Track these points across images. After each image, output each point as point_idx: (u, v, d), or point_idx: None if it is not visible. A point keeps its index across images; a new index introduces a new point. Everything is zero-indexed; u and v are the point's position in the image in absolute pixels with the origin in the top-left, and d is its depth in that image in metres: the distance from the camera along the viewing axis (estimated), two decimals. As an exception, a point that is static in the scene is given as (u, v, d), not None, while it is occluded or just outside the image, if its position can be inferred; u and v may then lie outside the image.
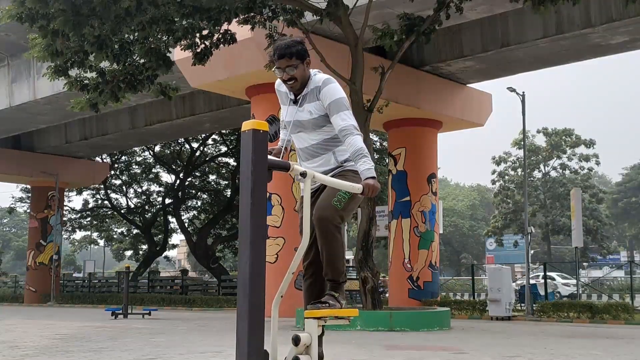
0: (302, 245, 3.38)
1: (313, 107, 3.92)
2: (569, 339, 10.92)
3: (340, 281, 3.85)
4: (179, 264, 74.49)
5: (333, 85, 3.90)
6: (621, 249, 64.57)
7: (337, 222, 3.79)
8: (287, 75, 3.88)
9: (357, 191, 3.57)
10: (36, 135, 29.61)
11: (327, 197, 3.81)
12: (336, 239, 3.79)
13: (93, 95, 14.51)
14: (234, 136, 31.44)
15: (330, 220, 3.75)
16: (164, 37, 13.84)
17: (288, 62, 3.85)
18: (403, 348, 8.65)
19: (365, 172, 3.69)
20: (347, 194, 3.78)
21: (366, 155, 3.74)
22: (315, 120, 3.93)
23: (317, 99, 3.90)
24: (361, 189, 3.57)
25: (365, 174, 3.69)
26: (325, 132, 3.95)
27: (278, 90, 4.17)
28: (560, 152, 44.18)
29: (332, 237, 3.78)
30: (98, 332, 11.57)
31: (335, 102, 3.85)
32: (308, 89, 3.94)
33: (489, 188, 54.26)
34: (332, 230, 3.76)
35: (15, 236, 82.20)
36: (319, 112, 3.91)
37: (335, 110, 3.84)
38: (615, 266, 39.26)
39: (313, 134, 3.97)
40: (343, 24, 13.65)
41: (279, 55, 3.86)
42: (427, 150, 20.92)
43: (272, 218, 17.00)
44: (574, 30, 16.60)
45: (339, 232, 3.83)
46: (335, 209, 3.77)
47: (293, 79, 3.89)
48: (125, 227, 41.20)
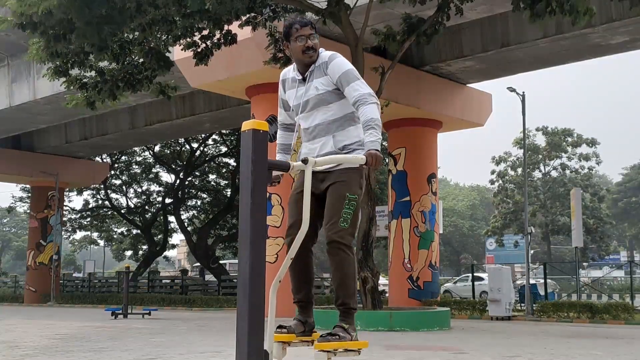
0: (301, 231, 3.37)
1: (319, 83, 3.91)
2: (569, 339, 10.92)
3: (351, 307, 3.79)
4: (179, 264, 74.47)
5: (340, 59, 3.92)
6: (621, 249, 64.59)
7: (348, 241, 3.81)
8: (310, 43, 3.90)
9: (361, 162, 3.57)
10: (36, 135, 29.61)
11: (332, 217, 3.80)
12: (348, 261, 3.79)
13: (91, 93, 14.52)
14: (234, 136, 31.43)
15: (341, 241, 3.77)
16: (163, 36, 13.84)
17: (311, 31, 3.91)
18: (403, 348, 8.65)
19: (369, 143, 3.67)
20: (350, 208, 3.78)
21: (375, 127, 3.70)
22: (321, 95, 3.90)
23: (324, 74, 3.90)
24: (364, 159, 3.56)
25: (369, 146, 3.66)
26: (330, 112, 3.91)
27: (283, 80, 4.14)
28: (561, 152, 44.14)
29: (344, 259, 3.79)
30: (98, 332, 11.57)
31: (344, 73, 3.85)
32: (315, 65, 3.95)
33: (489, 188, 54.19)
34: (344, 251, 3.78)
35: (15, 236, 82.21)
36: (326, 87, 3.90)
37: (346, 81, 3.83)
38: (615, 266, 39.26)
39: (319, 114, 3.93)
40: (343, 24, 13.66)
41: (302, 23, 3.92)
42: (427, 150, 20.91)
43: (272, 218, 17.00)
44: (574, 30, 16.59)
45: (351, 251, 3.83)
46: (344, 229, 3.78)
47: (313, 49, 3.92)
48: (125, 227, 41.20)
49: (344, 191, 3.80)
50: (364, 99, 3.76)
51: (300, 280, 3.96)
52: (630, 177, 64.37)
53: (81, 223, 39.68)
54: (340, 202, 3.78)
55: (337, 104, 3.90)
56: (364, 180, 3.99)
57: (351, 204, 3.78)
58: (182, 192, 35.55)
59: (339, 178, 3.85)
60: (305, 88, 3.96)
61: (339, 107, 3.90)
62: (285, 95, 4.15)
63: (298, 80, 4.02)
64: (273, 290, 3.50)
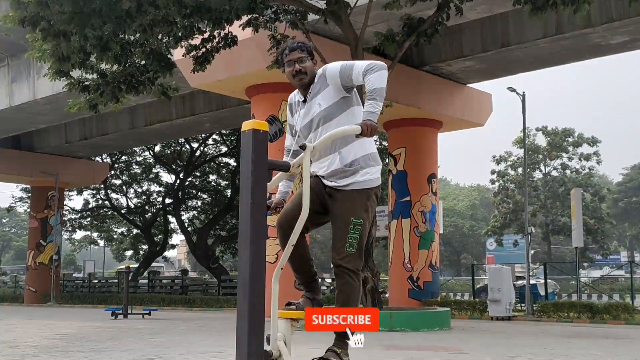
0: (302, 217, 3.37)
1: (321, 99, 3.90)
2: (569, 339, 10.92)
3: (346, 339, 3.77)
4: (179, 264, 74.45)
5: (332, 64, 3.96)
6: (621, 249, 64.57)
7: (355, 267, 3.82)
8: (297, 67, 3.92)
9: (357, 132, 3.54)
10: (36, 135, 29.61)
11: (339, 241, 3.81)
12: (352, 287, 3.81)
13: (93, 96, 14.51)
14: (234, 136, 31.43)
15: (347, 267, 3.79)
16: (165, 38, 13.84)
17: (300, 54, 3.93)
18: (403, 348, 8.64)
19: (366, 113, 3.64)
20: (356, 233, 3.80)
21: (376, 98, 3.67)
22: (324, 112, 3.89)
23: (325, 86, 3.90)
24: (359, 129, 3.54)
25: (366, 116, 3.63)
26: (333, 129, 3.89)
27: (290, 104, 4.16)
28: (562, 152, 44.13)
29: (349, 285, 3.81)
30: (98, 332, 11.57)
31: (342, 67, 3.86)
32: (314, 84, 3.97)
33: (489, 188, 54.21)
34: (350, 276, 3.80)
35: (15, 236, 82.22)
36: (329, 100, 3.88)
37: (348, 68, 3.83)
38: (616, 266, 39.24)
39: (322, 132, 3.90)
40: (343, 24, 13.66)
41: (291, 48, 3.96)
42: (427, 150, 20.91)
43: (272, 218, 16.96)
44: (574, 30, 16.60)
45: (357, 278, 3.84)
46: (351, 254, 3.79)
47: (303, 72, 3.93)
48: (125, 227, 41.20)
49: (349, 216, 3.81)
50: (370, 68, 3.75)
51: (299, 260, 3.98)
52: (631, 177, 64.33)
53: (81, 223, 39.68)
54: (345, 227, 3.80)
55: (340, 118, 3.87)
56: (372, 202, 3.96)
57: (356, 229, 3.80)
58: (182, 192, 35.56)
59: (345, 201, 3.85)
60: (307, 107, 3.98)
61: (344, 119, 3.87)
62: (292, 120, 4.16)
63: (301, 102, 4.04)
64: (275, 278, 3.54)
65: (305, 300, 3.94)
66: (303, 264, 4.01)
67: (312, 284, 4.03)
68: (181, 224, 35.45)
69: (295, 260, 3.96)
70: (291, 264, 3.97)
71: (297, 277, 4.06)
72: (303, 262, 4.01)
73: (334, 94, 3.88)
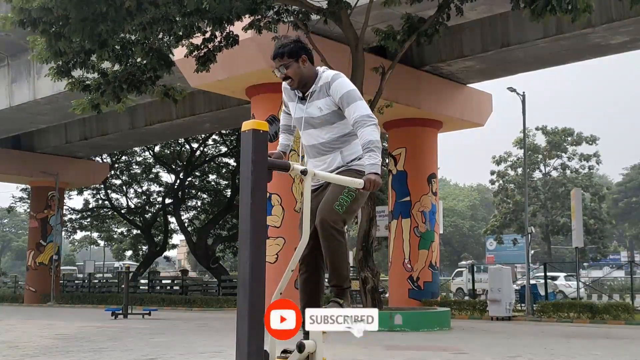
0: (301, 242, 3.38)
1: (323, 104, 3.89)
2: (569, 339, 10.92)
3: (344, 287, 3.82)
4: (179, 264, 74.46)
5: (342, 80, 3.89)
6: (621, 249, 64.58)
7: (340, 226, 3.78)
8: (280, 75, 3.92)
9: (359, 186, 3.55)
10: (36, 135, 29.61)
11: (329, 200, 3.79)
12: (339, 244, 3.77)
13: (95, 96, 14.51)
14: (234, 136, 31.43)
15: (332, 224, 3.73)
16: (165, 37, 13.84)
17: (280, 62, 3.89)
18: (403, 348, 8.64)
19: (368, 166, 3.67)
20: (348, 197, 3.76)
21: (374, 150, 3.70)
22: (324, 117, 3.90)
23: (327, 95, 3.88)
24: (362, 183, 3.55)
25: (369, 169, 3.66)
26: (334, 130, 3.92)
27: (285, 88, 4.14)
28: (561, 152, 44.14)
29: (335, 242, 3.76)
30: (98, 332, 11.57)
31: (347, 94, 3.83)
32: (317, 85, 3.92)
33: (489, 188, 54.20)
34: (334, 235, 3.75)
35: (15, 236, 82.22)
36: (329, 108, 3.88)
37: (347, 102, 3.82)
38: (616, 266, 39.24)
39: (322, 132, 3.93)
40: (344, 24, 13.66)
41: (273, 56, 3.93)
42: (427, 150, 20.91)
43: (272, 218, 16.98)
44: (574, 30, 16.59)
45: (342, 237, 3.81)
46: (337, 212, 3.75)
47: (288, 78, 3.91)
48: (125, 227, 41.21)
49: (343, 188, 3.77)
50: (363, 120, 3.76)
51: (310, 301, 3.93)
52: (631, 177, 64.35)
53: (81, 223, 39.69)
54: (339, 190, 3.76)
55: (341, 122, 3.90)
56: None
57: (350, 194, 3.76)
58: (182, 192, 35.56)
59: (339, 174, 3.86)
60: (306, 106, 3.96)
61: (344, 125, 3.90)
62: (287, 99, 4.16)
63: (298, 97, 4.02)
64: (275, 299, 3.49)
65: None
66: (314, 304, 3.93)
67: None
68: (181, 224, 35.45)
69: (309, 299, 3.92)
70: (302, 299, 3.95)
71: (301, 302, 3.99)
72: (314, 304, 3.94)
73: (333, 105, 3.90)
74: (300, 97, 4.01)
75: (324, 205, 3.78)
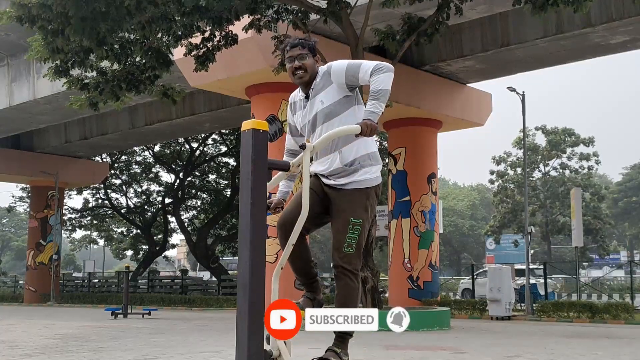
0: (301, 216, 3.39)
1: (324, 96, 3.88)
2: (569, 339, 10.91)
3: (347, 333, 3.82)
4: (179, 264, 74.45)
5: (338, 62, 3.94)
6: (621, 249, 64.56)
7: (354, 267, 3.82)
8: (297, 63, 3.90)
9: (356, 131, 3.54)
10: (36, 135, 29.61)
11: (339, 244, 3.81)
12: (352, 288, 3.81)
13: (93, 94, 14.51)
14: (234, 136, 31.43)
15: (347, 268, 3.79)
16: (164, 36, 13.83)
17: (300, 51, 3.91)
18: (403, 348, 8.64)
19: (367, 112, 3.64)
20: (355, 233, 3.79)
21: (380, 99, 3.67)
22: (326, 109, 3.87)
23: (330, 83, 3.88)
24: (359, 129, 3.54)
25: (366, 115, 3.63)
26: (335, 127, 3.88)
27: (292, 103, 4.13)
28: (560, 152, 44.14)
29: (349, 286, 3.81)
30: (98, 332, 11.57)
31: (349, 66, 3.85)
32: (317, 80, 3.94)
33: (489, 188, 54.21)
34: (350, 277, 3.80)
35: (15, 236, 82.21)
36: (332, 98, 3.86)
37: (354, 69, 3.81)
38: (615, 266, 39.25)
39: (323, 131, 3.87)
40: (344, 24, 13.66)
41: (292, 45, 3.94)
42: (427, 150, 20.91)
43: (272, 218, 16.96)
44: (574, 30, 16.59)
45: (357, 279, 3.85)
46: (350, 255, 3.79)
47: (302, 69, 3.90)
48: (125, 227, 41.21)
49: (348, 216, 3.81)
50: (379, 68, 3.74)
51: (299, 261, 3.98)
52: (631, 177, 64.33)
53: (81, 222, 39.69)
54: (344, 227, 3.80)
55: (342, 116, 3.85)
56: (371, 201, 3.95)
57: (355, 229, 3.79)
58: (182, 192, 35.56)
59: (344, 200, 3.85)
60: (309, 104, 3.95)
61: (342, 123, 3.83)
62: (293, 119, 4.14)
63: (303, 100, 4.02)
64: (275, 277, 3.56)
65: (306, 300, 3.96)
66: (304, 265, 4.02)
67: (313, 284, 4.04)
68: (181, 223, 35.45)
69: (296, 262, 3.97)
70: (292, 265, 3.97)
71: (298, 278, 4.08)
72: (304, 264, 4.01)
73: (337, 93, 3.87)
74: (303, 98, 4.01)
75: (335, 250, 3.83)
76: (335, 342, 3.81)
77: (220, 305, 23.95)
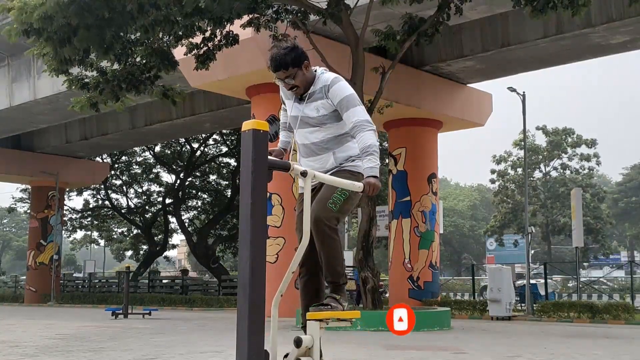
0: (302, 244, 3.39)
1: (320, 105, 3.90)
2: (569, 339, 10.91)
3: (340, 283, 3.85)
4: (179, 264, 74.45)
5: (342, 84, 3.89)
6: (621, 249, 64.53)
7: (333, 224, 3.80)
8: (287, 86, 3.90)
9: (358, 189, 3.56)
10: (36, 135, 29.62)
11: (323, 199, 3.81)
12: (333, 241, 3.79)
13: (93, 94, 14.52)
14: (235, 136, 31.42)
15: (326, 222, 3.76)
16: (165, 37, 13.85)
17: (285, 74, 3.85)
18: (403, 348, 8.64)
19: (367, 170, 3.68)
20: (342, 195, 3.79)
21: (373, 153, 3.72)
22: (320, 118, 3.91)
23: (325, 97, 3.89)
24: (362, 187, 3.55)
25: (367, 172, 3.67)
26: (328, 131, 3.94)
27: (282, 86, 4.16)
28: (561, 152, 44.14)
29: (329, 239, 3.78)
30: (98, 332, 11.57)
31: (346, 98, 3.84)
32: (315, 87, 3.92)
33: (490, 188, 54.22)
34: (328, 232, 3.77)
35: (15, 236, 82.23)
36: (326, 110, 3.89)
37: (346, 106, 3.83)
38: (616, 266, 39.24)
39: (316, 133, 3.94)
40: (344, 24, 13.66)
41: (274, 68, 3.85)
42: (427, 150, 20.92)
43: (272, 218, 17.00)
44: (574, 30, 16.60)
45: (336, 234, 3.84)
46: (331, 210, 3.78)
47: (295, 87, 3.90)
48: (126, 227, 41.20)
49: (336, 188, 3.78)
50: (362, 125, 3.77)
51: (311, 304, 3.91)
52: (631, 177, 64.30)
53: (81, 223, 39.69)
54: (332, 189, 3.77)
55: (336, 124, 3.92)
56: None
57: (343, 193, 3.78)
58: (182, 192, 35.55)
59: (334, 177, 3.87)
60: (303, 106, 3.96)
61: (338, 126, 3.92)
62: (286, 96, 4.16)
63: (296, 97, 4.01)
64: (275, 305, 3.49)
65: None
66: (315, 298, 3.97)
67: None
68: (181, 223, 35.44)
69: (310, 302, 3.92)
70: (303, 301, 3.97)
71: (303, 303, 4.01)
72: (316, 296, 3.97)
73: (330, 107, 3.90)
74: (298, 97, 4.01)
75: (317, 203, 3.79)
76: (332, 290, 3.83)
77: (221, 305, 23.95)
